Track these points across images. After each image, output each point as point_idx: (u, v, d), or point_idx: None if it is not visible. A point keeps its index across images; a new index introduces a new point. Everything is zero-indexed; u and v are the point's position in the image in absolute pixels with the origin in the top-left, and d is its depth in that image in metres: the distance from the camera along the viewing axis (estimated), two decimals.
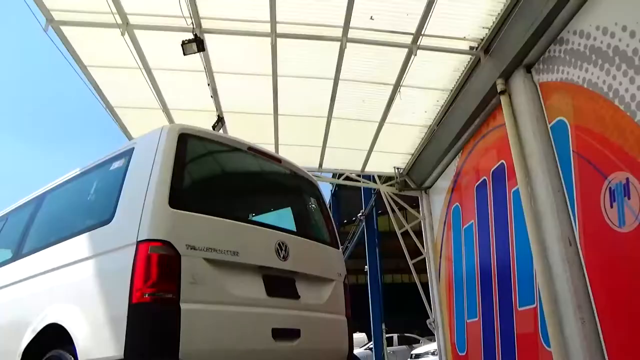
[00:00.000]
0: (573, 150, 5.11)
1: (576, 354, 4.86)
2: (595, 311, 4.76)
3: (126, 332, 2.41)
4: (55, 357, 2.71)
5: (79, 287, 2.81)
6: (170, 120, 7.50)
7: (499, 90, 6.14)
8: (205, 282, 2.65)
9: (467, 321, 7.87)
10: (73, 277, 2.90)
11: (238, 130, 7.93)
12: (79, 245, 2.99)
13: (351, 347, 3.57)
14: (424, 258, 9.91)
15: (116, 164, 3.21)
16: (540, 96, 5.71)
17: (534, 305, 5.78)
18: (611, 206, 4.55)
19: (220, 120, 7.12)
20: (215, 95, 7.00)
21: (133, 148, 3.14)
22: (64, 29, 5.57)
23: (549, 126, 5.56)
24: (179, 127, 3.08)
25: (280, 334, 2.92)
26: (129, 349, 2.38)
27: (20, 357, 2.97)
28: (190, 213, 2.78)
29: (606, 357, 4.61)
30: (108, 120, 7.80)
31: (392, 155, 9.39)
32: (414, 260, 10.07)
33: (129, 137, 7.81)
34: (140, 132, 6.29)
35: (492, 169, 6.99)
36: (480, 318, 7.34)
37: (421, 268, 10.04)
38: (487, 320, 7.07)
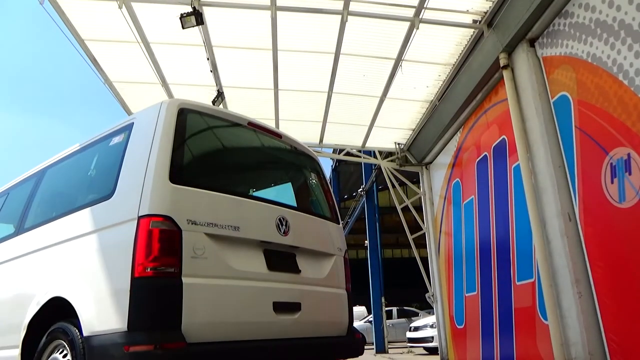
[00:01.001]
0: (575, 126, 5.08)
1: (573, 327, 4.94)
2: (592, 285, 4.82)
3: (129, 305, 2.44)
4: (60, 330, 2.76)
5: (82, 261, 2.84)
6: (170, 95, 7.44)
7: (501, 65, 6.07)
8: (207, 257, 2.67)
9: (466, 295, 7.97)
10: (75, 251, 2.93)
11: (238, 105, 7.88)
12: (81, 220, 3.00)
13: (351, 320, 3.62)
14: (424, 233, 9.98)
15: (116, 139, 3.20)
16: (544, 71, 5.65)
17: (532, 280, 5.84)
18: (612, 182, 4.55)
19: (220, 95, 7.07)
20: (214, 69, 6.93)
21: (132, 123, 3.13)
22: (60, 1, 5.48)
23: (551, 101, 5.52)
24: (178, 102, 3.05)
25: (281, 307, 2.97)
26: (133, 322, 2.42)
27: (25, 330, 3.02)
28: (191, 188, 2.78)
29: (602, 330, 4.69)
30: (108, 94, 7.74)
31: (393, 130, 9.35)
32: (413, 235, 10.14)
33: (129, 112, 7.77)
34: (140, 107, 6.25)
35: (493, 145, 6.97)
36: (478, 292, 7.44)
37: (421, 243, 10.13)
38: (486, 294, 7.16)
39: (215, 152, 3.37)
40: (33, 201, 3.77)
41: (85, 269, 2.79)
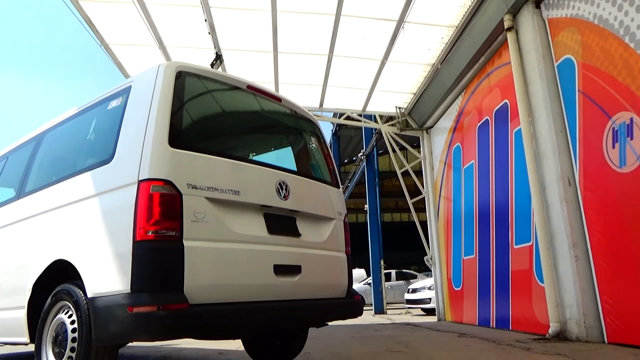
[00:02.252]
0: (579, 90, 5.03)
1: (568, 290, 5.03)
2: (589, 249, 4.88)
3: (131, 268, 2.47)
4: (64, 291, 2.80)
5: (84, 224, 2.86)
6: (167, 57, 7.32)
7: (505, 27, 5.95)
8: (207, 221, 2.68)
9: (464, 258, 8.09)
10: (77, 215, 2.94)
11: (237, 68, 7.77)
12: (81, 184, 3.00)
13: (350, 282, 3.68)
14: (423, 197, 10.03)
15: (114, 103, 3.16)
16: (549, 33, 5.54)
17: (529, 243, 5.91)
18: (613, 147, 4.54)
19: (218, 58, 6.95)
20: (212, 31, 6.78)
21: (130, 86, 3.08)
22: None
23: (555, 64, 5.44)
24: (176, 64, 3.00)
25: (281, 270, 3.01)
26: (135, 284, 2.45)
27: (30, 292, 3.08)
28: (191, 152, 2.77)
29: (597, 292, 4.78)
30: (106, 57, 7.61)
31: (394, 94, 9.25)
32: (413, 200, 10.20)
33: (126, 75, 7.66)
34: (138, 70, 6.16)
35: (495, 109, 6.91)
36: (476, 255, 7.54)
37: (420, 207, 10.20)
38: (483, 257, 7.26)
39: (214, 116, 3.34)
40: (33, 165, 3.76)
41: (87, 232, 2.81)
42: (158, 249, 2.52)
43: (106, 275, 2.59)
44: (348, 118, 10.25)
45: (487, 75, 7.15)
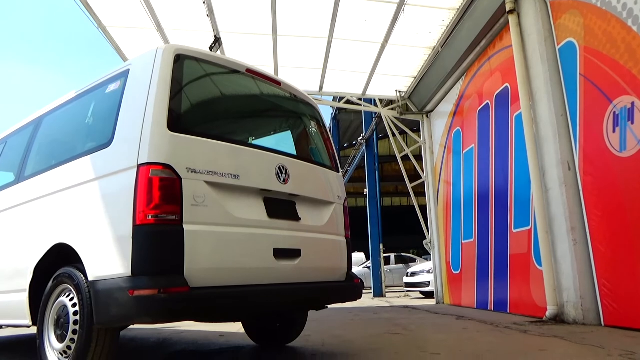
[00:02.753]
0: (580, 74, 4.99)
1: (566, 273, 5.07)
2: (588, 233, 4.90)
3: (132, 251, 2.48)
4: (65, 275, 2.82)
5: (84, 208, 2.86)
6: (166, 40, 7.25)
7: (507, 9, 5.88)
8: (207, 205, 2.69)
9: (463, 242, 8.13)
10: (77, 199, 2.94)
11: (236, 51, 7.70)
12: (81, 168, 3.00)
13: (350, 266, 3.70)
14: (423, 182, 10.04)
15: (112, 87, 3.14)
16: (551, 16, 5.49)
17: (528, 227, 5.94)
18: (614, 131, 4.53)
19: (217, 41, 6.88)
20: (211, 14, 6.71)
21: (128, 70, 3.06)
22: None
23: (557, 48, 5.40)
24: (174, 47, 2.97)
25: (281, 253, 3.02)
26: (136, 268, 2.46)
27: (31, 275, 3.10)
28: (190, 136, 2.76)
29: (595, 276, 4.81)
30: (103, 41, 7.53)
31: (394, 78, 9.19)
32: (413, 184, 10.21)
33: (124, 58, 7.60)
34: (136, 53, 6.09)
35: (496, 93, 6.88)
36: (475, 239, 7.58)
37: (420, 191, 10.21)
38: (482, 241, 7.30)
39: (214, 99, 3.32)
40: (32, 149, 3.75)
41: (88, 216, 2.82)
42: (158, 233, 2.52)
43: (107, 258, 2.60)
44: (348, 102, 10.20)
45: (488, 59, 7.10)
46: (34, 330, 3.05)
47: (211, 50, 6.61)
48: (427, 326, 5.30)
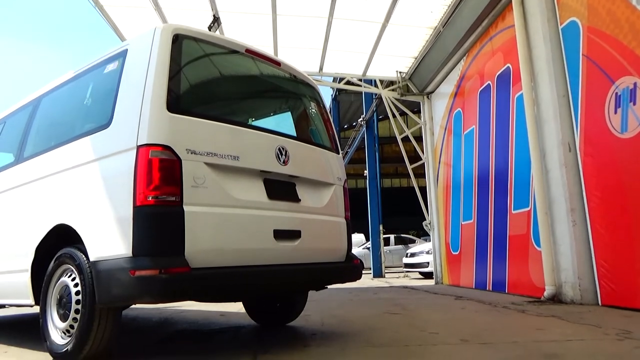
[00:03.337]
0: (582, 54, 4.94)
1: (565, 254, 5.10)
2: (587, 214, 4.92)
3: (133, 232, 2.49)
4: (67, 255, 2.84)
5: (84, 189, 2.87)
6: (164, 20, 7.16)
7: None
8: (207, 186, 2.69)
9: (462, 223, 8.16)
10: (77, 180, 2.94)
11: (235, 31, 7.62)
12: (80, 149, 2.99)
13: (350, 247, 3.72)
14: (423, 163, 10.03)
15: (110, 67, 3.12)
16: None
17: (528, 208, 5.95)
18: (615, 112, 4.50)
19: (216, 21, 6.80)
20: None
21: (126, 50, 3.03)
22: None
23: (560, 27, 5.33)
24: (172, 27, 2.93)
25: (281, 234, 3.03)
26: (137, 248, 2.48)
27: (33, 255, 3.12)
28: (189, 117, 2.74)
29: (593, 257, 4.84)
30: (100, 20, 7.44)
31: (395, 58, 9.11)
32: (413, 165, 10.20)
33: (122, 38, 7.52)
34: (134, 32, 6.02)
35: (497, 73, 6.82)
36: (475, 220, 7.60)
37: (420, 173, 10.22)
38: (482, 222, 7.33)
39: (213, 80, 3.29)
40: (31, 129, 3.74)
41: (88, 198, 2.82)
42: (158, 214, 2.53)
43: (108, 239, 2.61)
44: (348, 83, 10.13)
45: (490, 39, 7.02)
46: (37, 309, 3.08)
47: (210, 30, 6.53)
48: (426, 306, 5.36)
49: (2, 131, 4.21)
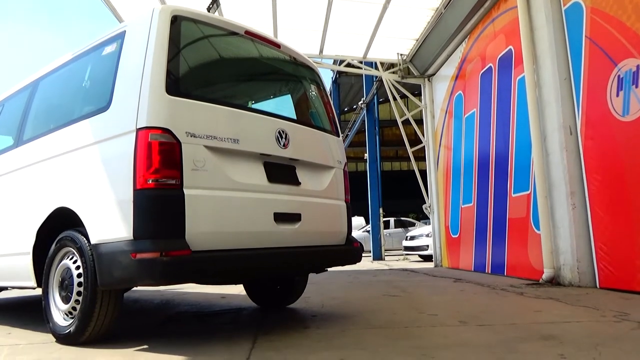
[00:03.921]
0: (585, 36, 4.89)
1: (564, 237, 5.13)
2: (587, 197, 4.92)
3: (133, 216, 2.50)
4: (68, 238, 2.85)
5: (84, 173, 2.86)
6: (162, 1, 7.07)
7: None
8: (207, 169, 2.68)
9: (462, 206, 8.18)
10: (77, 163, 2.94)
11: (234, 13, 7.53)
12: (79, 132, 2.98)
13: (350, 230, 3.73)
14: (424, 146, 10.01)
15: (108, 49, 3.09)
16: None
17: (528, 192, 5.96)
18: (617, 95, 4.47)
19: (215, 2, 6.72)
20: None
21: (124, 31, 2.99)
22: None
23: (563, 9, 5.27)
24: (171, 8, 2.89)
25: (281, 217, 3.04)
26: (138, 231, 2.48)
27: (34, 238, 3.13)
28: (189, 100, 2.73)
29: (592, 239, 4.86)
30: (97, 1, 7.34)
31: (396, 40, 9.02)
32: (413, 149, 10.18)
33: (119, 19, 7.43)
34: (131, 13, 5.95)
35: (499, 56, 6.76)
36: (474, 203, 7.62)
37: (420, 156, 10.20)
38: (482, 206, 7.34)
39: (212, 62, 3.26)
40: (30, 112, 3.72)
41: (88, 181, 2.82)
42: (159, 197, 2.53)
43: (109, 222, 2.62)
44: (348, 65, 10.04)
45: (492, 21, 6.94)
46: (39, 292, 3.11)
47: (209, 11, 6.45)
48: (425, 288, 5.40)
49: (1, 114, 4.19)
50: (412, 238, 12.80)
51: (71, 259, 2.86)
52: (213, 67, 3.26)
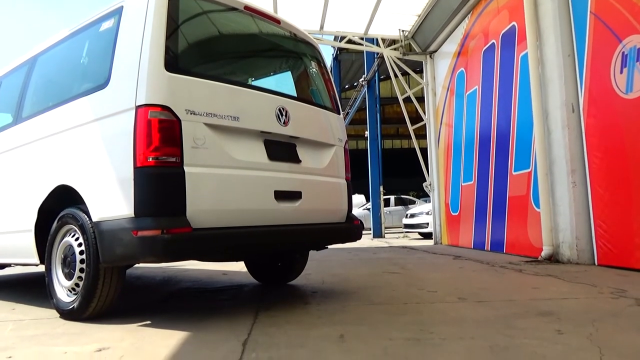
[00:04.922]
0: (590, 11, 4.82)
1: (563, 214, 5.14)
2: (587, 176, 4.92)
3: (134, 193, 2.50)
4: (69, 215, 2.86)
5: (84, 150, 2.86)
6: None
7: None
8: (207, 147, 2.68)
9: (462, 184, 8.18)
10: (77, 141, 2.93)
11: None
12: (78, 109, 2.96)
13: (350, 208, 3.75)
14: (425, 124, 9.96)
15: (106, 25, 3.04)
16: None
17: (528, 170, 5.96)
18: (621, 72, 4.43)
19: None
20: None
21: (122, 7, 2.94)
22: None
23: None
24: None
25: (282, 195, 3.05)
26: (139, 209, 2.49)
27: (36, 216, 3.14)
28: (188, 77, 2.70)
29: (591, 217, 4.88)
30: None
31: (398, 16, 8.89)
32: (414, 126, 10.14)
33: None
34: None
35: (502, 32, 6.67)
36: (475, 181, 7.62)
37: (421, 134, 10.16)
38: (482, 183, 7.35)
39: (211, 38, 3.22)
40: (28, 90, 3.69)
41: (89, 159, 2.82)
42: (159, 175, 2.54)
43: (110, 200, 2.63)
44: (349, 42, 9.92)
45: None
46: (43, 268, 3.13)
47: None
48: (425, 265, 5.45)
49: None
50: (412, 216, 12.84)
51: (73, 236, 2.87)
52: (212, 43, 3.22)
